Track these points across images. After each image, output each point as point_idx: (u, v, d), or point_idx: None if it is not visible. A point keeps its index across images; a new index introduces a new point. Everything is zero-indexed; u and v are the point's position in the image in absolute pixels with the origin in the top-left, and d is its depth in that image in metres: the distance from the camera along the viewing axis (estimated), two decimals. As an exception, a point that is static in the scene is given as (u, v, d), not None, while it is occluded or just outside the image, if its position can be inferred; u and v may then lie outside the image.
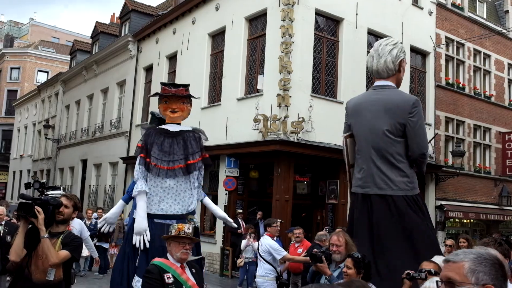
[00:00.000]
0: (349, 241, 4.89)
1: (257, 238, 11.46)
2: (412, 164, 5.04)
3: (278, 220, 9.96)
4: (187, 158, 5.43)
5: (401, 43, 5.35)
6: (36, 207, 4.12)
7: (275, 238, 9.24)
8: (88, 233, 10.72)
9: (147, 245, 5.07)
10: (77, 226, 9.46)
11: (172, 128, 5.51)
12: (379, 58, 5.11)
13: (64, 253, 4.20)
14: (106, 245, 14.45)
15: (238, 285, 12.87)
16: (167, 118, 5.54)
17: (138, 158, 5.35)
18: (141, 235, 5.10)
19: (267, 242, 8.57)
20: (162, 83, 5.72)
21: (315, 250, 5.08)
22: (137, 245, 5.09)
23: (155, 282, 4.03)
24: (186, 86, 5.66)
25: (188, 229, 4.25)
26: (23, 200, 4.17)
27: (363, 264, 4.44)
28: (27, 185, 4.99)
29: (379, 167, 4.89)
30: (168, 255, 4.26)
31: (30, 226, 4.19)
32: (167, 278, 4.05)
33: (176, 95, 5.53)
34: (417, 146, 4.91)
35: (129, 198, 5.84)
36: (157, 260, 4.27)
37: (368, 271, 4.47)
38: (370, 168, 4.93)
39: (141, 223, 5.10)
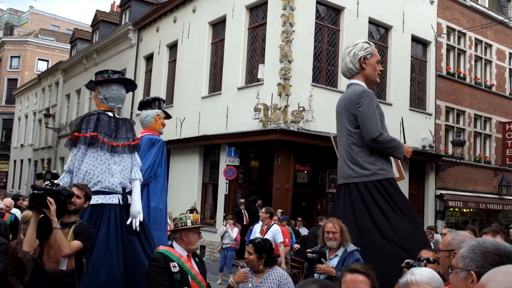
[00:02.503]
0: (344, 228, 4.99)
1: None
2: (374, 151, 5.44)
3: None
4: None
5: (365, 42, 5.73)
6: (48, 197, 4.12)
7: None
8: None
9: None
10: None
11: (116, 115, 5.63)
12: (342, 61, 5.80)
13: (77, 243, 4.22)
14: None
15: (219, 271, 12.92)
16: (99, 106, 5.59)
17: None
18: (137, 218, 5.35)
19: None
20: (106, 71, 5.75)
21: (309, 252, 5.05)
22: (134, 227, 5.31)
23: (162, 270, 4.05)
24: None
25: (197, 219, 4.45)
26: (35, 191, 4.18)
27: (264, 249, 4.63)
28: (39, 176, 5.00)
29: (344, 158, 5.50)
30: (176, 245, 4.28)
31: (42, 216, 4.20)
32: (173, 266, 4.09)
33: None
34: (367, 133, 5.34)
35: None
36: (162, 249, 4.30)
37: (271, 256, 4.67)
38: (340, 160, 5.62)
39: (138, 206, 5.38)
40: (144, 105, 6.49)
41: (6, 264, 4.81)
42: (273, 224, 10.00)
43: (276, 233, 9.79)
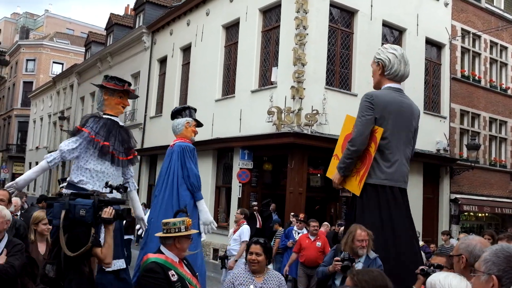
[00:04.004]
0: (370, 235, 4.91)
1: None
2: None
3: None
4: (130, 151, 5.74)
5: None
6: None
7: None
8: None
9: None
10: None
11: (121, 122, 5.78)
12: (406, 65, 5.38)
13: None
14: (130, 237, 14.04)
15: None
16: (116, 111, 5.73)
17: (70, 139, 5.59)
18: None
19: None
20: (117, 78, 5.83)
21: (337, 261, 4.99)
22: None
23: (161, 282, 3.81)
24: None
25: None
26: (118, 208, 4.25)
27: (269, 249, 4.63)
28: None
29: (406, 161, 5.30)
30: (166, 250, 4.02)
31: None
32: (172, 275, 3.87)
33: (129, 93, 5.87)
34: (413, 150, 5.39)
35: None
36: (155, 257, 3.99)
37: (271, 255, 4.65)
38: (402, 163, 5.24)
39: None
40: (175, 114, 6.58)
41: (22, 263, 4.86)
42: (243, 224, 10.08)
43: (242, 232, 9.84)
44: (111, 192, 4.44)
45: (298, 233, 10.71)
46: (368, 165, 5.06)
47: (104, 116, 5.62)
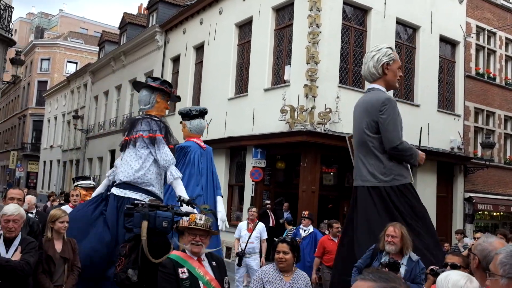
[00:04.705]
0: (405, 234, 4.90)
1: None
2: (392, 157, 5.54)
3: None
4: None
5: (388, 47, 5.85)
6: None
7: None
8: None
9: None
10: None
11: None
12: (365, 64, 5.85)
13: None
14: None
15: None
16: (162, 114, 5.83)
17: (166, 147, 5.48)
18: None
19: None
20: (168, 82, 5.99)
21: (383, 265, 4.94)
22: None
23: (169, 277, 3.85)
24: None
25: (200, 219, 4.09)
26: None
27: (297, 247, 4.64)
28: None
29: (362, 161, 5.59)
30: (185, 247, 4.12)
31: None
32: (182, 272, 3.87)
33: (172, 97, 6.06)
34: (388, 141, 5.44)
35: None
36: (173, 254, 4.09)
37: (298, 253, 4.66)
38: (357, 162, 5.72)
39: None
40: (194, 114, 6.90)
41: (36, 260, 4.92)
42: (258, 223, 10.33)
43: (262, 230, 10.21)
44: (181, 205, 4.85)
45: (305, 231, 10.53)
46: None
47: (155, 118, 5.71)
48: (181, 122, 6.96)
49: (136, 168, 5.31)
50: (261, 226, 10.26)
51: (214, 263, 4.15)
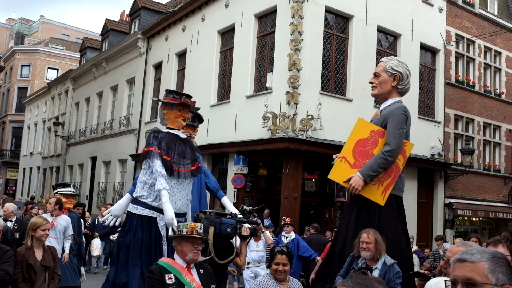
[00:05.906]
0: (379, 240, 4.89)
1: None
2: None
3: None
4: (194, 162, 5.55)
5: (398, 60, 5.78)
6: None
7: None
8: (71, 231, 8.37)
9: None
10: (63, 223, 8.07)
11: (181, 134, 5.66)
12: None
13: None
14: None
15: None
16: (177, 125, 5.62)
17: (158, 159, 5.26)
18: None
19: None
20: (176, 92, 5.84)
21: (356, 270, 5.03)
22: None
23: (156, 283, 3.89)
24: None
25: (200, 228, 4.16)
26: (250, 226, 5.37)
27: (292, 257, 4.78)
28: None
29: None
30: (176, 255, 4.12)
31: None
32: (168, 278, 3.91)
33: (189, 106, 5.78)
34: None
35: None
36: (162, 260, 4.15)
37: (291, 262, 4.76)
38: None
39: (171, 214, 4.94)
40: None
41: (14, 269, 4.85)
42: (264, 231, 10.24)
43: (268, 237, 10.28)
44: (242, 214, 5.46)
45: (287, 238, 10.53)
46: (396, 177, 5.15)
47: (165, 130, 5.58)
48: None
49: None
50: (267, 233, 10.24)
51: (201, 270, 4.19)
